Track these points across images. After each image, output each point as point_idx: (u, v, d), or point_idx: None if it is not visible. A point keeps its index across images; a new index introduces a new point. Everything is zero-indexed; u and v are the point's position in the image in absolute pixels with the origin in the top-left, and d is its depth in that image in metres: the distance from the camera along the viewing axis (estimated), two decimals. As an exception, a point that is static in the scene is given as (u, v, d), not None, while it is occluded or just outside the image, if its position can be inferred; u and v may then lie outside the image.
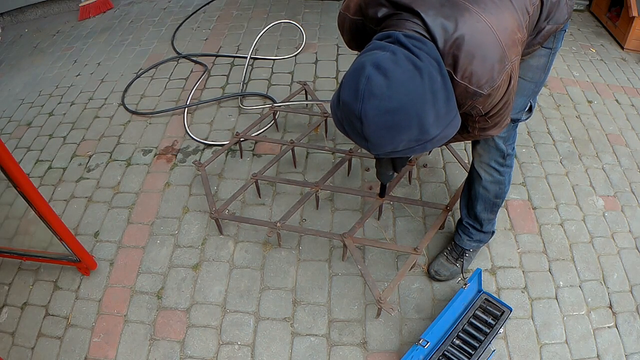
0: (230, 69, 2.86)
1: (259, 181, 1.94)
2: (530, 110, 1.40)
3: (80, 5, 3.78)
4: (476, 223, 1.66)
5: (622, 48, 3.14)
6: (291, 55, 2.92)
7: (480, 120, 1.14)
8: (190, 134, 2.37)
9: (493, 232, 1.73)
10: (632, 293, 1.71)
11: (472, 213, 1.65)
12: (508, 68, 0.97)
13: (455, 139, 1.31)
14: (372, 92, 0.86)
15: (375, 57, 0.88)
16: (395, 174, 1.37)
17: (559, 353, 1.54)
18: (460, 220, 1.73)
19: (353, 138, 0.96)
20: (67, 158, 2.32)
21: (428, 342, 1.42)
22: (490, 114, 1.10)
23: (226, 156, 2.24)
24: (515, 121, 1.38)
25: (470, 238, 1.70)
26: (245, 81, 2.71)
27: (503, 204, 1.86)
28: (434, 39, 0.94)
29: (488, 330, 1.51)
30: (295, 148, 2.09)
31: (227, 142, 2.17)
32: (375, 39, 0.96)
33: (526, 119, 1.43)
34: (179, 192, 2.09)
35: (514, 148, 1.49)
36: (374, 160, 2.18)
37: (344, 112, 0.92)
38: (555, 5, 1.14)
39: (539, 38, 1.18)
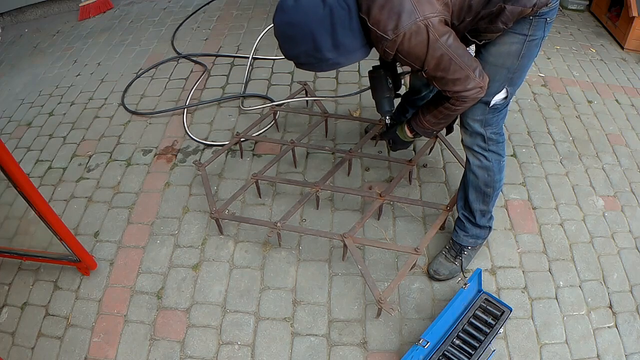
0: (230, 69, 2.86)
1: (259, 181, 1.94)
2: (506, 97, 1.43)
3: (80, 5, 3.78)
4: (470, 215, 1.68)
5: (622, 48, 3.14)
6: (291, 55, 2.92)
7: (425, 74, 1.29)
8: (190, 134, 2.37)
9: (489, 227, 1.73)
10: (632, 293, 1.71)
11: (466, 204, 1.68)
12: (420, 22, 1.15)
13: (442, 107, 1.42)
14: (282, 7, 1.24)
15: None
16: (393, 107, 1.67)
17: (559, 353, 1.54)
18: (457, 217, 1.73)
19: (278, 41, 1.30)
20: (67, 158, 2.32)
21: (428, 342, 1.42)
22: (429, 68, 1.25)
23: (226, 156, 2.24)
24: (488, 104, 1.42)
25: (467, 233, 1.70)
26: (246, 81, 2.71)
27: (498, 200, 1.87)
28: None
29: (488, 330, 1.51)
30: (296, 148, 2.10)
31: (227, 142, 2.17)
32: None
33: (501, 106, 1.45)
34: (179, 192, 2.09)
35: (498, 133, 1.52)
36: (373, 160, 2.17)
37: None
38: None
39: (502, 18, 1.21)
